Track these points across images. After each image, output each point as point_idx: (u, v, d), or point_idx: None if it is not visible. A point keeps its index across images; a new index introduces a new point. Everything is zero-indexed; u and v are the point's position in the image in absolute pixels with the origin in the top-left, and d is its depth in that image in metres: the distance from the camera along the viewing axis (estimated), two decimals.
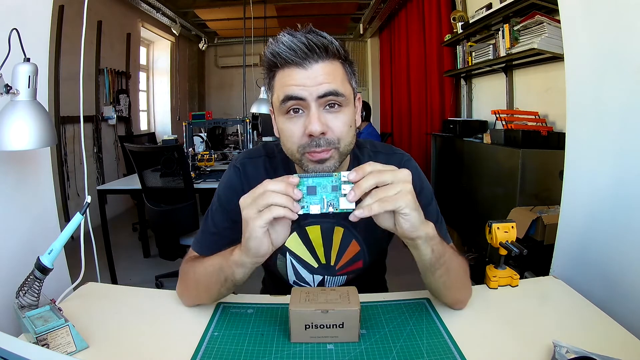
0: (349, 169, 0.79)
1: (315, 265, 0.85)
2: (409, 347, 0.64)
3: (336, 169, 0.70)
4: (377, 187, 0.56)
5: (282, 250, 0.84)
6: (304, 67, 0.66)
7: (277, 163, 0.83)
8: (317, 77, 0.65)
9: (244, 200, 0.61)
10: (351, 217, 0.57)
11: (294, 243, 0.84)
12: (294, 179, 0.59)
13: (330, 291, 0.70)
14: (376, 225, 0.82)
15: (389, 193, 0.56)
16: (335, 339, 0.66)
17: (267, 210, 0.58)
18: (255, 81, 3.86)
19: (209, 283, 0.72)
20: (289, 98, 0.66)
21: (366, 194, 0.57)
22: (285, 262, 0.85)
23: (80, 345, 0.64)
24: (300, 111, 0.67)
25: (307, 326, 0.65)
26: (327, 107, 0.67)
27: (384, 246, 0.89)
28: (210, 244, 0.80)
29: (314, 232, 0.83)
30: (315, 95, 0.65)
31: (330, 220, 0.82)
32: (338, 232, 0.83)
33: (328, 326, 0.65)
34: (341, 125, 0.68)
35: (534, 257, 1.45)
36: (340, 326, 0.65)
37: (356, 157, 0.82)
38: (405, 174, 0.57)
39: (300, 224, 0.82)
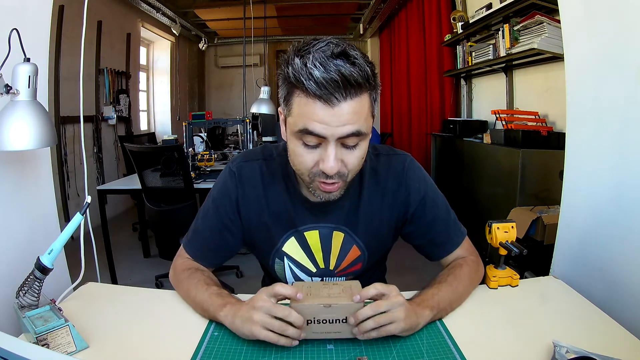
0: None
1: (314, 269, 0.85)
2: (409, 347, 0.64)
3: (341, 195, 0.73)
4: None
5: (280, 254, 0.84)
6: (331, 105, 0.60)
7: (275, 166, 0.82)
8: (341, 117, 0.61)
9: (264, 314, 0.63)
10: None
11: (292, 248, 0.83)
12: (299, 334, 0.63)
13: (332, 285, 0.69)
14: (380, 227, 0.82)
15: (389, 328, 0.62)
16: (339, 334, 0.64)
17: (274, 335, 0.62)
18: (255, 81, 3.87)
19: (196, 307, 0.76)
20: (308, 132, 0.63)
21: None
22: (283, 266, 0.85)
23: (80, 345, 0.64)
24: (318, 145, 0.65)
25: (309, 321, 0.64)
26: (346, 143, 0.65)
27: (388, 246, 0.89)
28: (200, 246, 0.84)
29: (313, 237, 0.82)
30: (336, 136, 0.63)
31: (329, 226, 0.82)
32: (338, 237, 0.82)
33: (331, 321, 0.64)
34: (355, 160, 0.67)
35: (534, 257, 1.45)
36: (344, 321, 0.64)
37: None
38: (399, 302, 0.63)
39: (298, 230, 0.82)
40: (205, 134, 3.19)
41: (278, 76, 0.68)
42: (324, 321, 0.64)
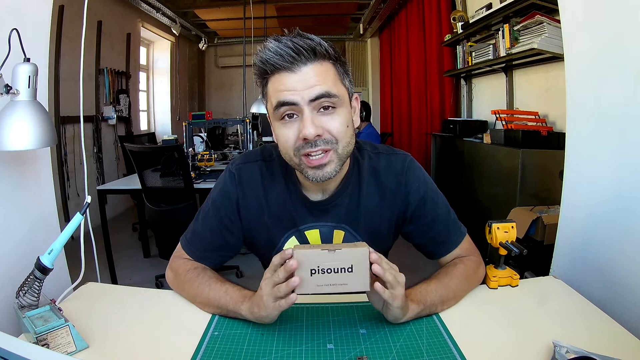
0: (349, 172, 0.80)
1: None
2: (409, 346, 0.64)
3: (337, 173, 0.71)
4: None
5: None
6: (293, 71, 0.66)
7: (275, 167, 0.82)
8: (307, 80, 0.65)
9: (266, 288, 0.65)
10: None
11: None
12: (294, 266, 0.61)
13: (336, 243, 0.68)
14: (380, 225, 0.82)
15: (395, 291, 0.64)
16: (345, 287, 0.60)
17: (282, 302, 0.63)
18: (255, 81, 3.86)
19: (206, 306, 0.76)
20: (281, 104, 0.67)
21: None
22: None
23: (80, 345, 0.64)
24: (295, 116, 0.68)
25: (313, 271, 0.60)
26: (322, 109, 0.67)
27: (388, 245, 0.89)
28: (200, 247, 0.84)
29: (313, 235, 0.83)
30: (307, 99, 0.65)
31: (329, 224, 0.82)
32: (338, 235, 0.83)
33: (336, 270, 0.60)
34: (338, 125, 0.68)
35: (534, 257, 1.45)
36: (349, 270, 0.60)
37: (356, 159, 0.82)
38: (402, 281, 0.65)
39: (299, 229, 0.82)
40: (205, 134, 3.19)
41: (255, 81, 0.73)
42: (329, 270, 0.60)
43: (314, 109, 0.67)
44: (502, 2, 2.54)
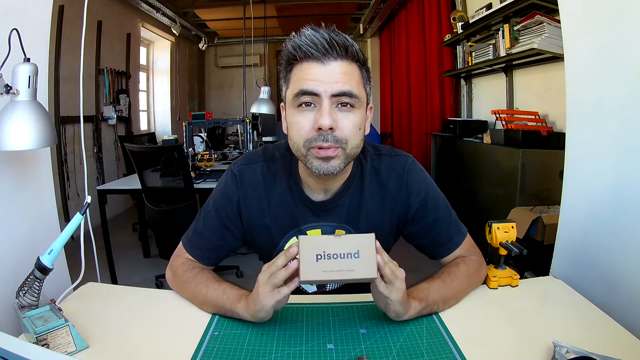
0: (352, 174, 0.80)
1: None
2: (409, 346, 0.64)
3: (340, 170, 0.71)
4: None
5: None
6: (323, 62, 0.66)
7: (277, 167, 0.83)
8: (334, 75, 0.66)
9: (262, 278, 0.64)
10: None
11: None
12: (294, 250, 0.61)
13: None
14: (381, 226, 0.83)
15: (393, 289, 0.64)
16: (351, 273, 0.59)
17: (283, 288, 0.63)
18: (255, 81, 3.87)
19: (204, 305, 0.76)
20: (303, 92, 0.67)
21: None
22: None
23: (80, 345, 0.64)
24: (312, 105, 0.68)
25: (319, 256, 0.59)
26: (340, 105, 0.68)
27: (389, 245, 0.89)
28: (201, 247, 0.84)
29: (315, 235, 0.83)
30: (329, 93, 0.66)
31: (331, 224, 0.82)
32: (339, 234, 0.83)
33: (342, 256, 0.60)
34: (350, 125, 0.69)
35: (534, 257, 1.45)
36: (356, 255, 0.60)
37: (359, 160, 0.82)
38: (402, 276, 0.65)
39: (300, 229, 0.82)
40: (205, 134, 3.19)
41: (279, 66, 0.73)
42: (335, 256, 0.60)
43: (333, 103, 0.67)
44: (502, 2, 2.54)
